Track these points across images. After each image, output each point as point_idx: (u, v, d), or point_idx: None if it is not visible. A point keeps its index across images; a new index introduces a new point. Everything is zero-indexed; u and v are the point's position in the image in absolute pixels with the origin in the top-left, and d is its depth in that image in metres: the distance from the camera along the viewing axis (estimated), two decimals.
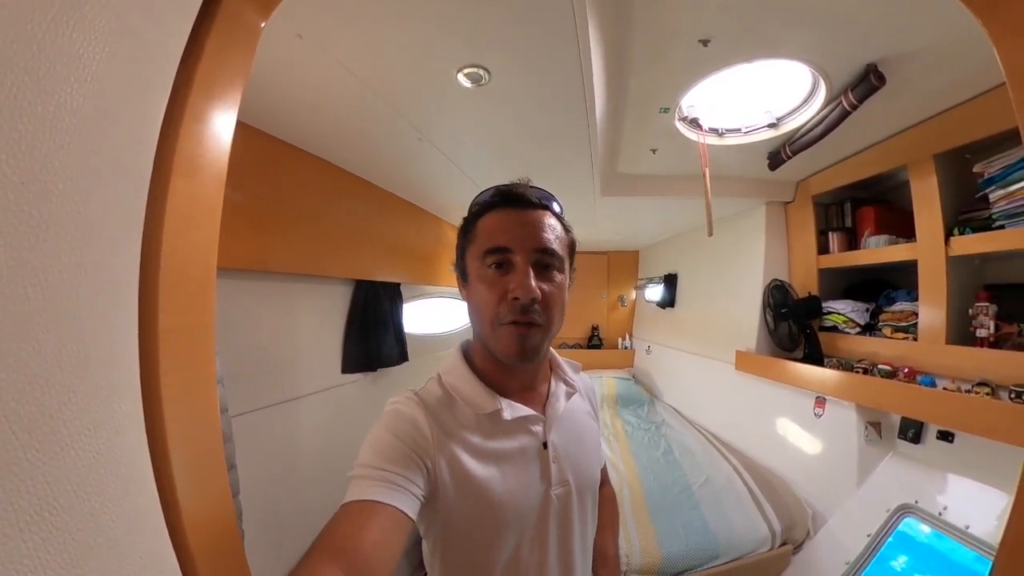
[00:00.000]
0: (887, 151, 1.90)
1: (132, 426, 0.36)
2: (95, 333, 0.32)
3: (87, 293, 0.32)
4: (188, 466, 0.41)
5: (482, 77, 1.22)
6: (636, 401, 3.62)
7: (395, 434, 0.60)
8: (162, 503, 0.38)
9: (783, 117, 1.85)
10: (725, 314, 2.95)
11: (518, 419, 0.67)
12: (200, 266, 0.45)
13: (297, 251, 1.70)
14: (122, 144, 0.35)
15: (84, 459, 0.31)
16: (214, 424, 0.46)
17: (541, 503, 0.67)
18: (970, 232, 1.63)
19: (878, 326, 2.04)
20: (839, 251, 2.25)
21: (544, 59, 1.17)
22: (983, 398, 1.47)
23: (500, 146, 1.83)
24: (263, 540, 1.43)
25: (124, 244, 0.36)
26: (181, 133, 0.40)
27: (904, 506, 1.65)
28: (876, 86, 1.42)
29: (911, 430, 1.74)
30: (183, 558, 0.39)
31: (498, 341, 0.63)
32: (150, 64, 0.37)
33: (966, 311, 1.67)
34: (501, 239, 0.63)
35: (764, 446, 2.46)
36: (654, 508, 2.02)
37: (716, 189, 2.36)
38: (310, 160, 1.74)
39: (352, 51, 1.09)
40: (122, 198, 0.35)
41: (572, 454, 0.72)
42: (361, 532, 0.49)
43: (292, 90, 1.24)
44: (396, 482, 0.55)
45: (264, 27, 0.53)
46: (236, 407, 1.38)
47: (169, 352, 0.40)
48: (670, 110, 1.68)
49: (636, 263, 4.82)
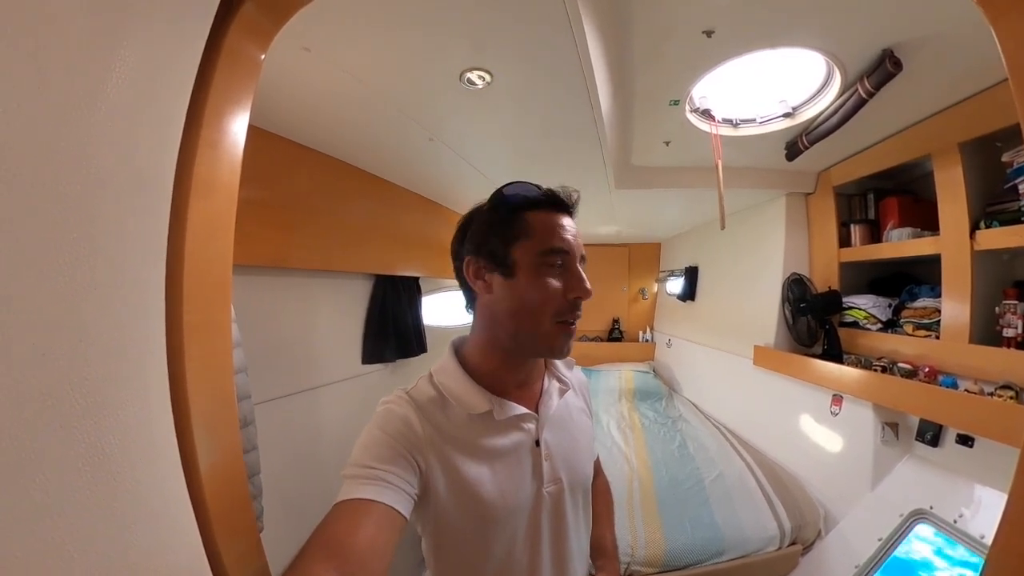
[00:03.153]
0: (910, 140, 1.81)
1: (159, 400, 0.44)
2: (131, 327, 0.42)
3: (124, 297, 0.41)
4: (207, 435, 0.49)
5: (485, 79, 1.25)
6: (654, 395, 3.59)
7: (387, 433, 0.61)
8: (182, 458, 0.46)
9: (798, 106, 1.79)
10: (744, 308, 2.89)
11: (510, 418, 0.68)
12: (217, 271, 0.53)
13: (316, 248, 1.76)
14: (147, 175, 0.43)
15: (122, 422, 0.40)
16: (230, 402, 0.54)
17: (533, 501, 0.67)
18: (998, 225, 1.54)
19: (900, 323, 1.96)
20: (861, 244, 2.16)
21: (543, 57, 1.19)
22: (1007, 402, 1.40)
23: (510, 143, 1.85)
24: (287, 521, 1.48)
25: (152, 258, 0.44)
26: (197, 160, 0.47)
27: (918, 511, 1.60)
28: (893, 72, 1.36)
29: (929, 432, 1.68)
30: (196, 497, 0.47)
31: (551, 338, 0.65)
32: (165, 103, 0.44)
33: (992, 309, 1.58)
34: (561, 242, 0.65)
35: (779, 443, 2.41)
36: (663, 501, 2.02)
37: (734, 180, 2.32)
38: (327, 161, 1.79)
39: (358, 61, 1.14)
40: (147, 220, 0.43)
41: (564, 451, 0.73)
42: (354, 531, 0.50)
43: (306, 98, 1.30)
44: (389, 480, 0.56)
45: (263, 59, 0.59)
46: (261, 395, 1.44)
47: (193, 342, 0.48)
48: (680, 102, 1.65)
49: (658, 255, 4.74)
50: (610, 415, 3.21)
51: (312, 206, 1.73)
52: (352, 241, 1.99)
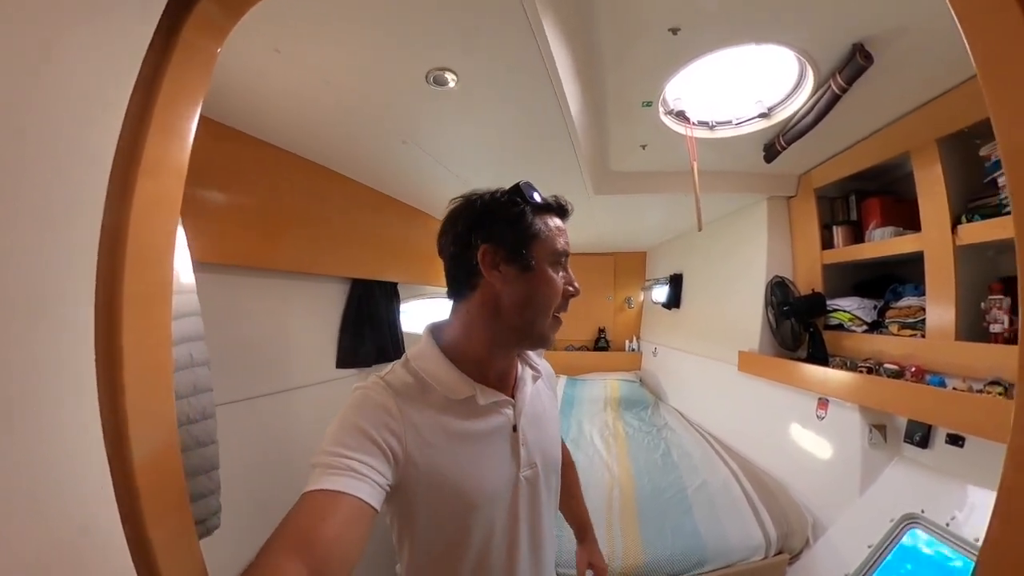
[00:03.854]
0: (888, 138, 1.81)
1: (84, 351, 0.45)
2: (55, 289, 0.42)
3: (49, 260, 0.42)
4: (139, 403, 0.48)
5: (452, 79, 1.23)
6: (640, 404, 3.52)
7: (362, 419, 0.60)
8: (103, 413, 0.45)
9: (774, 106, 1.79)
10: (728, 314, 2.86)
11: (491, 403, 0.70)
12: (161, 245, 0.54)
13: (293, 250, 1.76)
14: (88, 151, 0.45)
15: (40, 373, 0.40)
16: (165, 374, 0.54)
17: (512, 485, 0.69)
18: (979, 219, 1.53)
19: (885, 323, 1.93)
20: (844, 245, 2.14)
21: (506, 57, 1.18)
22: (996, 398, 1.36)
23: (484, 146, 1.84)
24: (252, 520, 1.46)
25: (85, 226, 0.45)
26: (148, 142, 0.50)
27: (909, 515, 1.54)
28: (864, 66, 1.36)
29: (918, 433, 1.63)
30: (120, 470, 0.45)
31: (549, 329, 0.71)
32: (112, 87, 0.47)
33: (978, 305, 1.55)
34: (566, 245, 0.73)
35: (765, 449, 2.35)
36: (643, 511, 1.95)
37: (714, 185, 2.31)
38: (303, 164, 1.80)
39: (324, 62, 1.12)
40: (84, 192, 0.45)
41: (538, 437, 0.76)
42: (321, 523, 0.49)
43: (279, 101, 1.30)
44: (359, 471, 0.54)
45: (220, 52, 0.63)
46: (232, 394, 1.46)
47: (130, 312, 0.48)
48: (653, 104, 1.64)
49: (643, 264, 4.73)
50: (593, 424, 3.14)
51: (289, 208, 1.73)
52: (329, 244, 1.99)
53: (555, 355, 4.42)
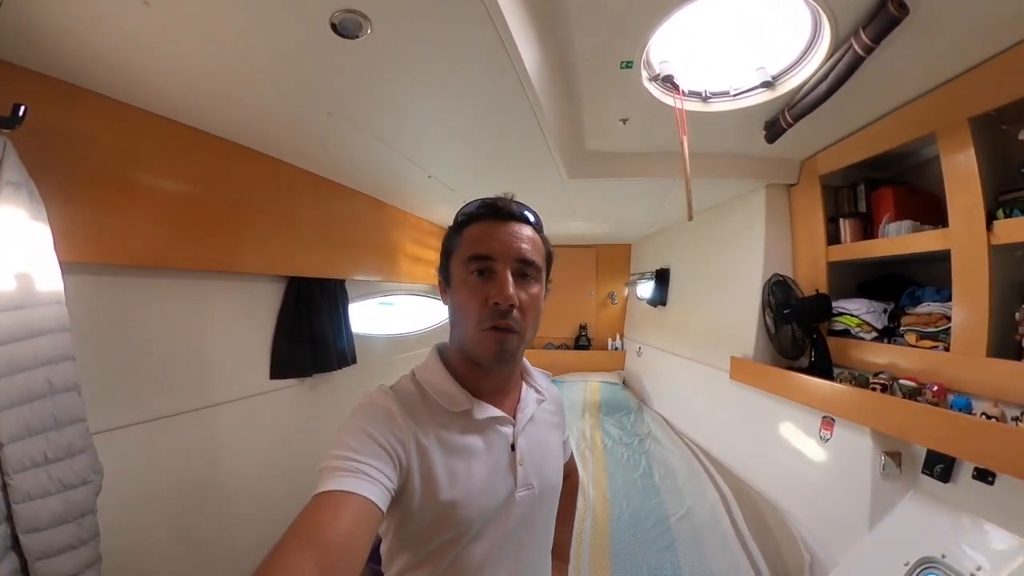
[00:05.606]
0: (909, 117, 1.53)
1: None
2: None
3: None
4: None
5: (361, 25, 0.98)
6: (622, 408, 3.29)
7: (369, 425, 0.60)
8: None
9: (780, 75, 1.50)
10: (720, 314, 2.60)
11: (488, 419, 0.69)
12: None
13: (211, 246, 1.56)
14: None
15: None
16: None
17: (506, 504, 0.68)
18: (1019, 215, 1.27)
19: (899, 331, 1.68)
20: (852, 241, 1.89)
21: None
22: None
23: (426, 120, 1.54)
24: (177, 554, 1.44)
25: None
26: None
27: (928, 560, 1.31)
28: (897, 17, 1.08)
29: (939, 464, 1.39)
30: None
31: (478, 344, 0.66)
32: None
33: (1013, 315, 1.31)
34: (484, 248, 0.67)
35: (759, 472, 2.10)
36: (618, 545, 1.71)
37: (706, 169, 2.03)
38: (220, 144, 1.59)
39: (200, 10, 0.92)
40: None
41: (537, 459, 0.74)
42: (333, 522, 0.49)
43: (162, 64, 1.10)
44: (368, 473, 0.55)
45: None
46: (136, 415, 1.35)
47: None
48: (634, 64, 1.34)
49: (628, 257, 4.49)
50: (570, 434, 2.87)
51: (205, 197, 1.54)
52: (257, 238, 1.75)
53: (533, 354, 4.16)
